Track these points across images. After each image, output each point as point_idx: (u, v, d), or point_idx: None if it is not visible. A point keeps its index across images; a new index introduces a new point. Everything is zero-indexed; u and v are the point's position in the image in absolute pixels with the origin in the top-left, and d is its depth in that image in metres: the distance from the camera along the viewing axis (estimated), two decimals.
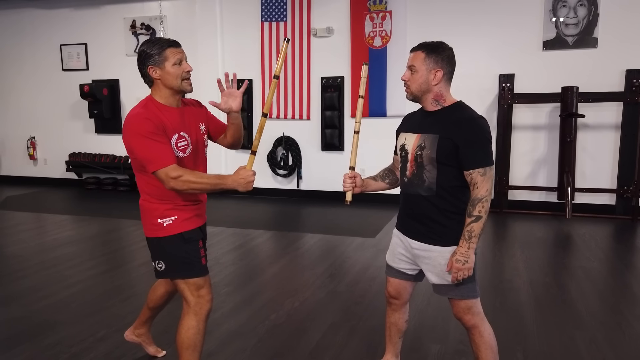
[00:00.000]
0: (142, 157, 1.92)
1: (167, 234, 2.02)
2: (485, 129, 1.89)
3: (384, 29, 6.27)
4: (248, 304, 3.26)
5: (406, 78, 1.97)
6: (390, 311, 2.23)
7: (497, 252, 4.43)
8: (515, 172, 6.07)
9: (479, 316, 1.98)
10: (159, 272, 2.08)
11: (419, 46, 1.97)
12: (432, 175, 1.92)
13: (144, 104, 2.00)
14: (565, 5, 5.69)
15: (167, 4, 7.16)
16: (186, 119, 2.07)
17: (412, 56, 1.97)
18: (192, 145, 2.06)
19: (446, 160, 1.88)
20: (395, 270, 2.14)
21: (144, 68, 1.99)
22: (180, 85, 2.00)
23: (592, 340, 2.73)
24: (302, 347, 2.68)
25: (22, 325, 2.96)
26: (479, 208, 1.84)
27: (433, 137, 1.91)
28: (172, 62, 1.97)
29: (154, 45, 1.97)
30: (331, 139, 6.68)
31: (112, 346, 2.69)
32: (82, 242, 4.82)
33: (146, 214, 2.06)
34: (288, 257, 4.36)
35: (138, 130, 1.90)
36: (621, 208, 5.73)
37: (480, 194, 1.84)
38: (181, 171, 1.91)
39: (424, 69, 1.92)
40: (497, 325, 2.92)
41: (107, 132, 7.89)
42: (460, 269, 1.87)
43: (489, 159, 1.87)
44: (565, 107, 5.57)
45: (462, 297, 1.96)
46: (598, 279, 3.73)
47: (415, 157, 1.96)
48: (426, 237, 1.97)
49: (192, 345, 2.05)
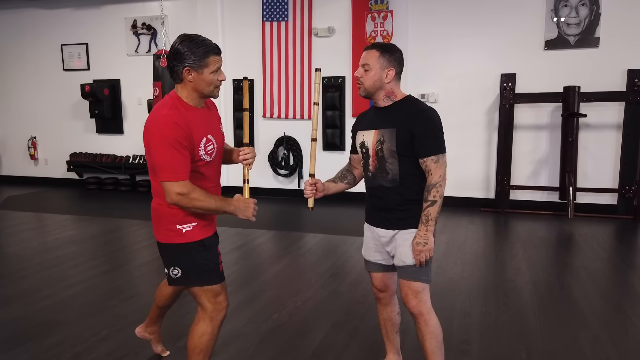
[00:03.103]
0: (157, 162, 1.82)
1: (186, 241, 1.94)
2: (436, 119, 1.99)
3: (386, 29, 6.26)
4: (250, 304, 3.26)
5: (359, 75, 2.03)
6: (381, 307, 2.27)
7: (499, 251, 4.42)
8: (517, 172, 6.06)
9: (426, 304, 2.04)
10: (174, 279, 1.99)
11: (372, 46, 2.04)
12: (395, 167, 2.02)
13: (171, 104, 1.88)
14: (567, 5, 5.68)
15: (168, 4, 7.15)
16: (210, 121, 2.01)
17: (365, 55, 2.03)
18: (218, 147, 2.00)
19: (405, 151, 1.98)
20: (372, 263, 2.20)
21: (179, 67, 1.86)
22: (211, 92, 1.93)
23: (596, 340, 2.72)
24: (305, 347, 2.67)
25: (24, 325, 2.96)
26: (433, 193, 1.94)
27: (390, 130, 2.00)
28: (211, 70, 1.88)
29: (197, 47, 1.85)
30: (332, 139, 6.67)
31: (115, 346, 2.68)
32: (84, 242, 4.82)
33: (162, 220, 1.95)
34: (290, 257, 4.35)
35: (163, 133, 1.79)
36: (623, 208, 5.72)
37: (434, 180, 1.94)
38: (189, 188, 1.82)
39: (378, 67, 2.00)
40: (501, 324, 2.92)
41: (108, 132, 7.89)
42: (421, 251, 1.96)
43: (441, 147, 1.97)
44: (567, 106, 5.56)
45: (415, 279, 2.02)
46: (601, 279, 3.72)
47: (377, 152, 2.04)
48: (391, 223, 2.06)
49: (204, 351, 2.02)
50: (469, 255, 4.27)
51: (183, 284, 1.99)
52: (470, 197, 6.24)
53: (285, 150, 6.93)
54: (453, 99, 6.16)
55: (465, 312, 3.11)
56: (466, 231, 5.10)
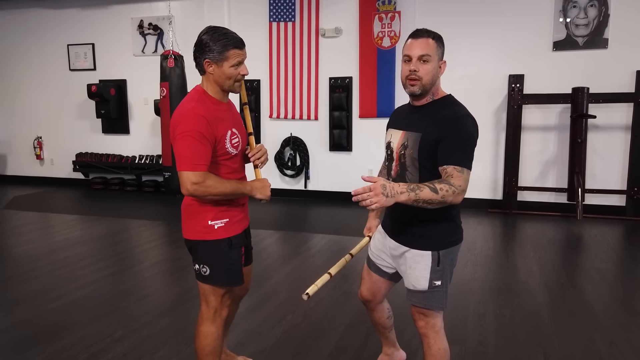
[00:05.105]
0: (178, 153, 1.82)
1: (216, 238, 1.93)
2: (471, 130, 1.73)
3: (393, 30, 6.25)
4: (264, 305, 3.25)
5: (416, 68, 1.73)
6: (369, 312, 2.23)
7: (510, 253, 4.41)
8: (525, 173, 6.05)
9: (434, 328, 1.89)
10: (204, 277, 1.96)
11: (424, 32, 1.76)
12: (415, 178, 1.79)
13: (197, 97, 1.89)
14: (576, 5, 5.68)
15: (175, 4, 7.14)
16: (235, 116, 2.04)
17: (422, 43, 1.73)
18: (242, 141, 2.01)
19: (427, 160, 1.75)
20: (374, 265, 2.10)
21: (200, 58, 1.88)
22: (231, 86, 1.93)
23: (612, 342, 2.71)
24: (321, 348, 2.66)
25: (38, 325, 2.95)
26: (446, 189, 1.61)
27: (416, 135, 1.78)
28: (231, 64, 1.86)
29: (218, 39, 1.84)
30: (339, 140, 6.66)
31: (131, 347, 2.67)
32: (92, 242, 4.81)
33: (196, 216, 1.94)
34: (300, 257, 4.34)
35: (187, 126, 1.80)
36: (631, 209, 5.71)
37: (454, 182, 1.64)
38: (204, 177, 1.81)
39: (436, 59, 1.75)
40: (515, 326, 2.91)
41: (114, 132, 7.88)
42: (371, 191, 1.53)
43: (468, 161, 1.70)
44: (576, 108, 5.55)
45: (426, 306, 1.86)
46: (613, 281, 3.71)
47: (400, 157, 1.84)
48: (404, 238, 1.90)
49: (212, 352, 2.02)
50: (479, 257, 4.26)
51: (210, 282, 1.97)
52: (477, 198, 6.23)
53: (291, 151, 6.92)
54: (460, 99, 5.97)
55: (479, 313, 3.10)
56: (475, 232, 5.09)
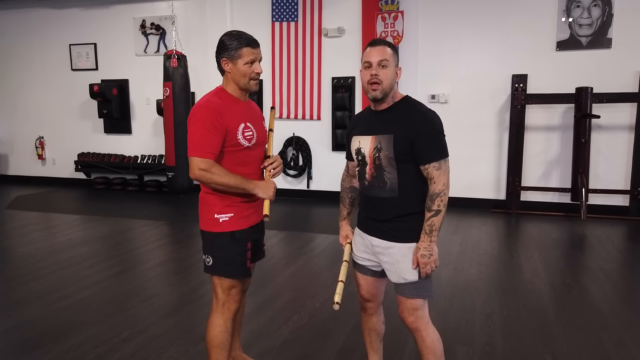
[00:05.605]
0: (189, 139, 1.93)
1: (219, 230, 2.02)
2: (436, 122, 1.87)
3: (396, 29, 6.25)
4: (270, 305, 3.24)
5: (377, 72, 1.85)
6: (367, 317, 2.15)
7: (514, 253, 4.40)
8: (528, 173, 6.05)
9: (423, 320, 1.94)
10: (207, 267, 2.09)
11: (380, 41, 1.90)
12: (393, 177, 1.88)
13: (214, 92, 2.04)
14: (579, 5, 5.67)
15: (177, 4, 7.12)
16: (252, 113, 2.12)
17: (379, 50, 1.87)
18: (257, 138, 2.06)
19: (404, 159, 1.85)
20: (360, 266, 2.08)
21: (219, 58, 2.02)
22: (246, 84, 2.03)
23: (620, 342, 2.70)
24: (329, 348, 2.65)
25: (43, 326, 2.94)
26: (437, 202, 1.83)
27: (388, 137, 1.86)
28: (244, 61, 1.98)
29: (233, 39, 1.99)
30: (342, 140, 6.65)
31: (137, 347, 2.66)
32: (95, 243, 4.80)
33: (205, 208, 2.06)
34: (304, 257, 4.33)
35: (200, 115, 1.93)
36: (635, 209, 5.71)
37: (438, 189, 1.83)
38: (211, 164, 1.91)
39: (393, 65, 1.89)
40: (523, 326, 2.90)
41: (116, 132, 7.88)
42: (427, 263, 1.85)
43: (443, 152, 1.85)
44: (580, 107, 5.54)
45: (416, 296, 1.91)
46: (619, 281, 3.70)
47: (374, 160, 1.90)
48: (387, 234, 1.93)
49: (219, 344, 2.07)
50: (484, 257, 4.25)
51: (212, 272, 2.07)
52: (480, 198, 6.23)
53: (294, 151, 6.91)
54: (464, 99, 6.15)
55: (486, 313, 3.09)
56: (479, 232, 5.08)
